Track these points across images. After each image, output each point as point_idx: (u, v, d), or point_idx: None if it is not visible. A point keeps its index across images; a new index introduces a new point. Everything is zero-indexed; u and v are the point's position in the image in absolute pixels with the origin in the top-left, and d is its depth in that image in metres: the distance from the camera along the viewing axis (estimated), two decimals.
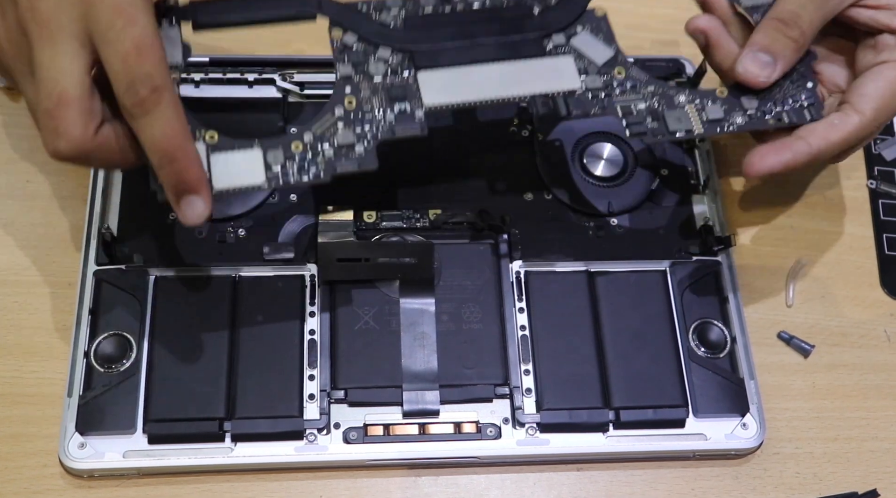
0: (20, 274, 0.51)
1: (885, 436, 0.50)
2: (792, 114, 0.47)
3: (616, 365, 0.49)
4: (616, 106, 0.46)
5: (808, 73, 0.48)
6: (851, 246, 0.56)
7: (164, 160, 0.41)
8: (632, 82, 0.47)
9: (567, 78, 0.46)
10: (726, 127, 0.46)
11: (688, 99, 0.47)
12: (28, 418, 0.48)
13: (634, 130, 0.46)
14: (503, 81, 0.45)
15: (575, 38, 0.47)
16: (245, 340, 0.48)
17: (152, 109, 0.40)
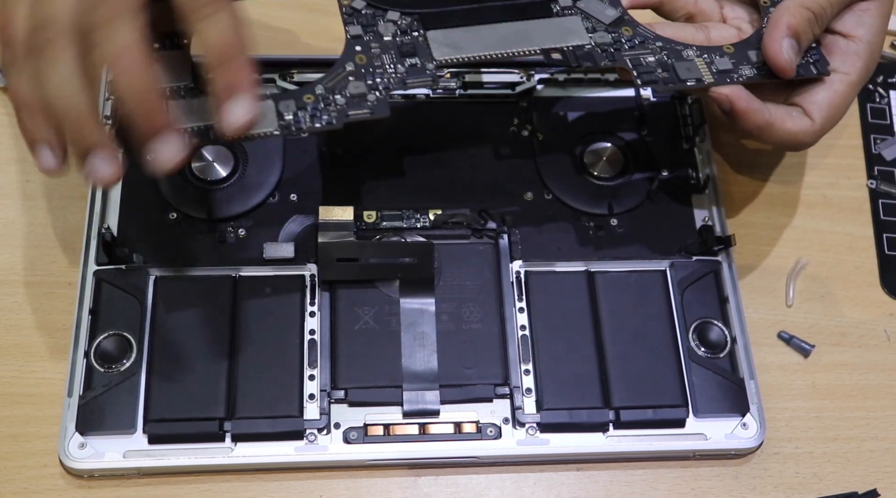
0: (20, 274, 0.51)
1: (885, 436, 0.50)
2: (800, 68, 0.48)
3: (616, 365, 0.49)
4: (626, 58, 0.47)
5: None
6: (851, 246, 0.56)
7: (223, 58, 0.39)
8: (640, 38, 0.48)
9: (575, 34, 0.47)
10: (735, 77, 0.47)
11: (696, 53, 0.47)
12: (28, 418, 0.48)
13: (646, 79, 0.47)
14: (512, 38, 0.46)
15: (582, 1, 0.48)
16: (245, 339, 0.48)
17: (222, 7, 0.39)
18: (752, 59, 0.48)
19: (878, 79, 0.61)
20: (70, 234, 0.52)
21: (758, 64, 0.48)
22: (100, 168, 0.39)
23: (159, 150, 0.39)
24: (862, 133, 0.59)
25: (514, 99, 0.57)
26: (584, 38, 0.47)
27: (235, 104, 0.40)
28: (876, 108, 0.60)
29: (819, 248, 0.55)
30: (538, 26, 0.47)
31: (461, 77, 0.56)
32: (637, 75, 0.47)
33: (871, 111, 0.60)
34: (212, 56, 0.39)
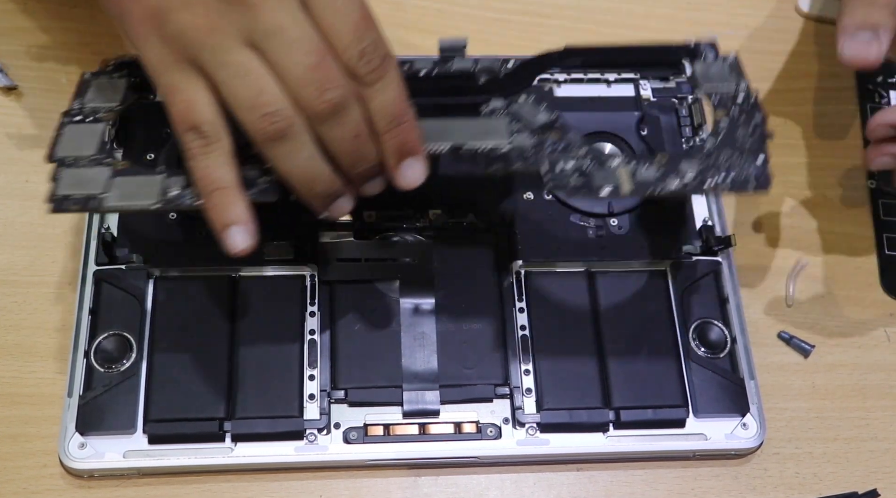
0: (20, 274, 0.51)
1: (885, 436, 0.50)
2: (734, 183, 0.44)
3: (616, 365, 0.49)
4: (543, 161, 0.45)
5: (762, 147, 0.45)
6: (851, 246, 0.56)
7: (394, 123, 0.41)
8: (565, 144, 0.45)
9: (495, 135, 0.45)
10: (657, 189, 0.44)
11: (623, 162, 0.45)
12: (28, 418, 0.48)
13: (556, 183, 0.44)
14: (428, 134, 0.44)
15: (514, 104, 0.47)
16: (245, 339, 0.48)
17: (385, 75, 0.40)
18: (685, 172, 0.44)
19: (878, 79, 0.61)
20: (70, 234, 0.52)
21: (689, 180, 0.44)
22: (345, 207, 0.43)
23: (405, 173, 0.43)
24: (862, 133, 0.59)
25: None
26: (502, 140, 0.45)
27: (409, 168, 0.42)
28: (876, 109, 0.60)
29: (819, 248, 0.55)
30: (461, 124, 0.46)
31: None
32: (548, 180, 0.44)
33: (871, 111, 0.60)
34: (383, 121, 0.41)
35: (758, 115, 0.47)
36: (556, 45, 0.61)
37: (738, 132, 0.46)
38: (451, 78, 0.48)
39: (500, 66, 0.48)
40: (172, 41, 0.40)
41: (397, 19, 0.61)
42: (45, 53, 0.57)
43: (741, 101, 0.47)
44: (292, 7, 0.39)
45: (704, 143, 0.45)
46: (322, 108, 0.40)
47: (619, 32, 0.62)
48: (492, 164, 0.45)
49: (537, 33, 0.62)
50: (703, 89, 0.48)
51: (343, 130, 0.41)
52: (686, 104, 0.57)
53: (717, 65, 0.49)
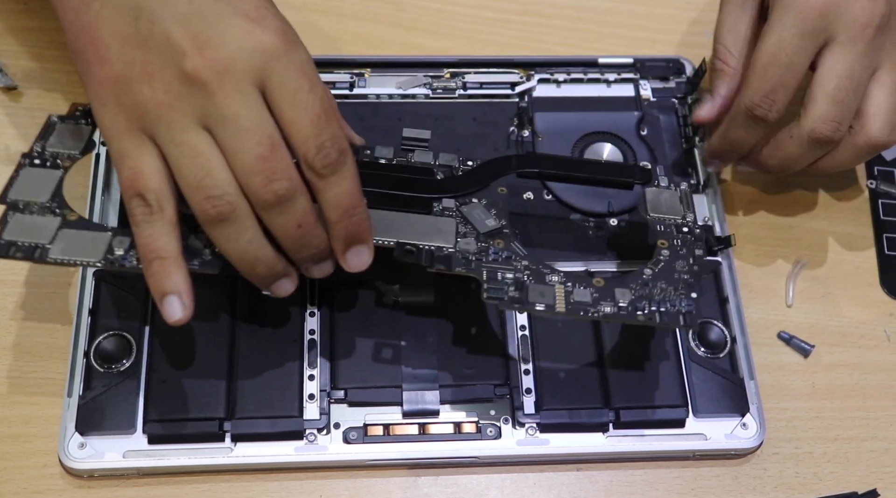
0: (20, 274, 0.51)
1: (885, 436, 0.50)
2: (665, 316, 0.45)
3: (616, 365, 0.49)
4: (482, 269, 0.45)
5: (695, 285, 0.46)
6: (851, 246, 0.56)
7: (345, 215, 0.42)
8: (508, 254, 0.46)
9: (442, 235, 0.46)
10: (590, 313, 0.44)
11: (560, 280, 0.45)
12: (28, 418, 0.48)
13: (491, 294, 0.44)
14: (378, 226, 0.45)
15: (466, 206, 0.48)
16: (245, 339, 0.48)
17: (340, 169, 0.42)
18: (617, 300, 0.45)
19: None
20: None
21: (622, 307, 0.45)
22: (288, 287, 0.45)
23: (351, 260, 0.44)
24: None
25: (513, 99, 0.57)
26: (448, 241, 0.46)
27: (355, 255, 0.44)
28: None
29: (819, 248, 0.55)
30: (412, 220, 0.47)
31: (461, 77, 0.57)
32: (485, 288, 0.44)
33: None
34: (335, 213, 0.42)
35: (699, 251, 0.48)
36: (556, 45, 0.61)
37: (677, 264, 0.47)
38: (409, 169, 0.49)
39: (459, 165, 0.50)
40: (129, 110, 0.41)
41: (397, 19, 0.61)
42: (44, 53, 0.57)
43: (686, 231, 0.49)
44: (251, 96, 0.40)
45: (643, 271, 0.46)
46: (267, 198, 0.41)
47: (619, 32, 0.62)
48: (434, 263, 0.45)
49: (537, 33, 0.62)
50: (651, 216, 0.49)
51: (287, 219, 0.42)
52: (686, 104, 0.57)
53: (668, 193, 0.50)
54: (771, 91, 0.49)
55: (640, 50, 0.60)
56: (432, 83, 0.57)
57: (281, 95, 0.41)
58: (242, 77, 0.40)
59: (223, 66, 0.40)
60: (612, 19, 0.62)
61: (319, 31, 0.60)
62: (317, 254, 0.44)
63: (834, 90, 0.49)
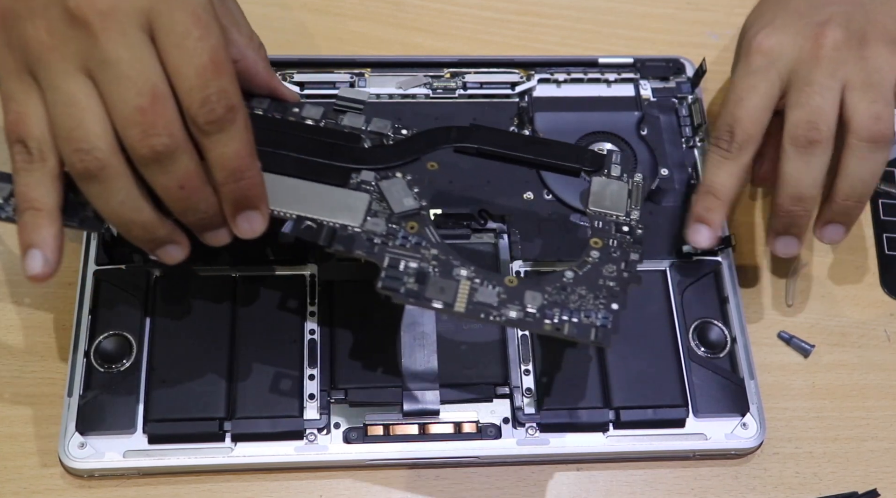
0: (20, 274, 0.51)
1: (885, 436, 0.50)
2: (574, 328, 0.41)
3: (616, 365, 0.49)
4: (385, 255, 0.42)
5: (620, 295, 0.42)
6: (851, 246, 0.56)
7: (232, 178, 0.40)
8: (419, 240, 0.43)
9: (351, 213, 0.43)
10: (491, 316, 0.41)
11: (468, 275, 0.42)
12: (28, 418, 0.48)
13: (386, 284, 0.41)
14: (286, 195, 0.43)
15: (386, 180, 0.44)
16: (245, 339, 0.48)
17: (227, 127, 0.39)
18: (525, 304, 0.41)
19: None
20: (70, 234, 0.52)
21: (529, 313, 0.41)
22: (174, 254, 0.43)
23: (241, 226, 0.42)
24: None
25: (514, 99, 0.57)
26: (356, 219, 0.43)
27: (245, 221, 0.41)
28: None
29: (819, 248, 0.55)
30: (321, 192, 0.43)
31: (461, 77, 0.57)
32: (384, 276, 0.41)
33: None
34: (221, 174, 0.40)
35: (634, 255, 0.43)
36: (556, 45, 0.61)
37: (606, 268, 0.43)
38: (334, 134, 0.46)
39: (391, 133, 0.46)
40: (16, 50, 0.39)
41: (397, 19, 0.61)
42: None
43: (625, 231, 0.44)
44: (136, 39, 0.38)
45: (564, 273, 0.42)
46: (144, 153, 0.38)
47: (619, 32, 0.62)
48: (334, 243, 0.42)
49: (537, 33, 0.62)
50: (590, 210, 0.45)
51: (168, 179, 0.39)
52: (686, 104, 0.57)
53: (617, 185, 0.46)
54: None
55: (640, 50, 0.60)
56: (432, 83, 0.57)
57: (168, 40, 0.38)
58: (128, 18, 0.37)
59: (108, 5, 0.37)
60: (612, 19, 0.62)
61: (319, 31, 0.60)
62: (205, 219, 0.41)
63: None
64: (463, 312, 0.41)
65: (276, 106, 0.48)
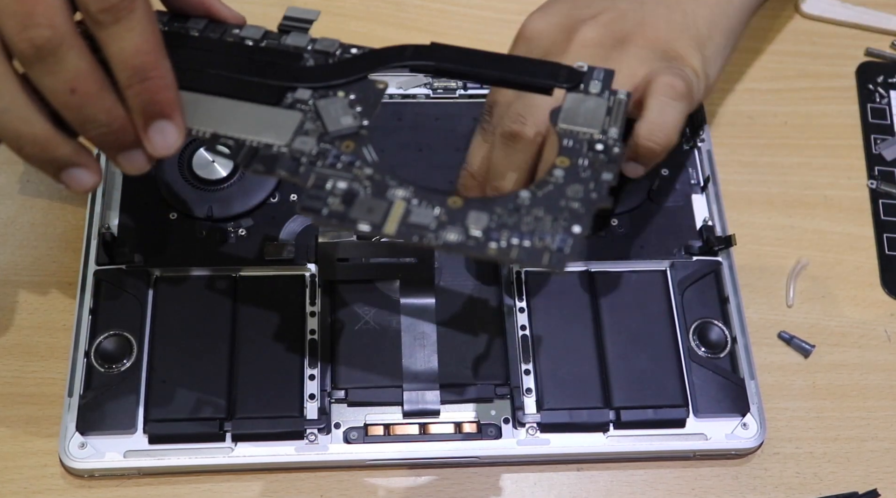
0: (20, 274, 0.51)
1: (885, 436, 0.50)
2: (524, 252, 0.36)
3: (616, 365, 0.49)
4: (311, 175, 0.37)
5: (585, 217, 0.37)
6: (851, 246, 0.56)
7: (135, 78, 0.35)
8: (352, 159, 0.38)
9: (277, 131, 0.39)
10: (426, 238, 0.36)
11: (406, 195, 0.37)
12: (28, 418, 0.48)
13: (306, 204, 0.36)
14: (205, 114, 0.39)
15: (324, 99, 0.40)
16: (245, 339, 0.48)
17: (124, 17, 0.34)
18: (468, 226, 0.36)
19: (879, 79, 0.61)
20: (70, 234, 0.52)
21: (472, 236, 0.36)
22: (80, 179, 0.38)
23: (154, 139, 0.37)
24: (862, 133, 0.59)
25: None
26: (282, 138, 0.38)
27: (158, 133, 0.37)
28: (876, 109, 0.60)
29: (819, 248, 0.55)
30: (247, 110, 0.39)
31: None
32: (305, 197, 0.37)
33: (871, 111, 0.60)
34: (123, 73, 0.35)
35: (606, 175, 0.38)
36: None
37: (571, 188, 0.37)
38: (276, 53, 0.42)
39: (338, 51, 0.42)
40: None
41: (397, 19, 0.61)
42: None
43: (599, 150, 0.39)
44: None
45: (519, 193, 0.37)
46: (23, 48, 0.34)
47: None
48: (253, 162, 0.38)
49: None
50: (559, 127, 0.40)
51: (54, 81, 0.34)
52: None
53: (594, 101, 0.40)
54: None
55: None
56: (432, 83, 0.57)
57: None
58: None
59: None
60: None
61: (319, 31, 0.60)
62: (110, 134, 0.36)
63: None
64: (393, 234, 0.36)
65: (214, 27, 0.43)
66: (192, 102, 0.39)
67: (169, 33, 0.42)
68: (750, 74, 0.61)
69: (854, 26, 0.63)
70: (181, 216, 0.51)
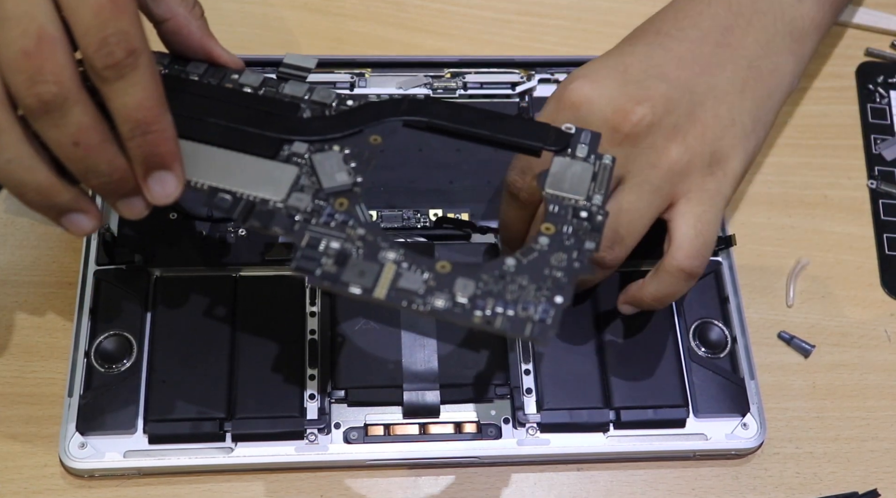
0: (20, 274, 0.51)
1: (885, 436, 0.50)
2: (507, 321, 0.36)
3: (616, 365, 0.49)
4: (305, 233, 0.38)
5: (567, 288, 0.37)
6: (851, 246, 0.56)
7: (138, 131, 0.36)
8: (346, 218, 0.39)
9: (274, 186, 0.39)
10: (415, 304, 0.37)
11: (396, 258, 0.37)
12: (28, 418, 0.48)
13: (300, 264, 0.37)
14: (202, 165, 0.40)
15: (319, 154, 0.40)
16: (245, 339, 0.48)
17: (128, 73, 0.35)
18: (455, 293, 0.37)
19: (879, 79, 0.61)
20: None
21: (459, 303, 0.37)
22: (79, 224, 0.39)
23: (154, 189, 0.38)
24: (862, 133, 0.59)
25: (514, 99, 0.57)
26: (278, 193, 0.39)
27: (158, 183, 0.38)
28: (876, 109, 0.60)
29: (819, 248, 0.55)
30: (244, 163, 0.40)
31: (461, 77, 0.57)
32: (299, 256, 0.37)
33: (871, 111, 0.60)
34: (125, 127, 0.36)
35: (589, 244, 0.38)
36: (556, 45, 0.61)
37: (555, 257, 0.38)
38: (273, 103, 0.43)
39: (335, 103, 0.43)
40: None
41: (397, 19, 0.61)
42: None
43: (583, 217, 0.39)
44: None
45: (505, 260, 0.38)
46: (30, 103, 0.35)
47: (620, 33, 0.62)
48: (250, 218, 0.39)
49: (537, 33, 0.62)
50: (546, 192, 0.40)
51: (60, 133, 0.36)
52: None
53: (580, 166, 0.41)
54: None
55: None
56: (433, 83, 0.57)
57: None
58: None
59: None
60: (612, 19, 0.62)
61: (319, 31, 0.60)
62: (111, 183, 0.37)
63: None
64: (383, 299, 0.37)
65: (214, 72, 0.44)
66: (191, 153, 0.40)
67: (169, 76, 0.43)
68: None
69: (854, 26, 0.63)
70: (181, 216, 0.51)
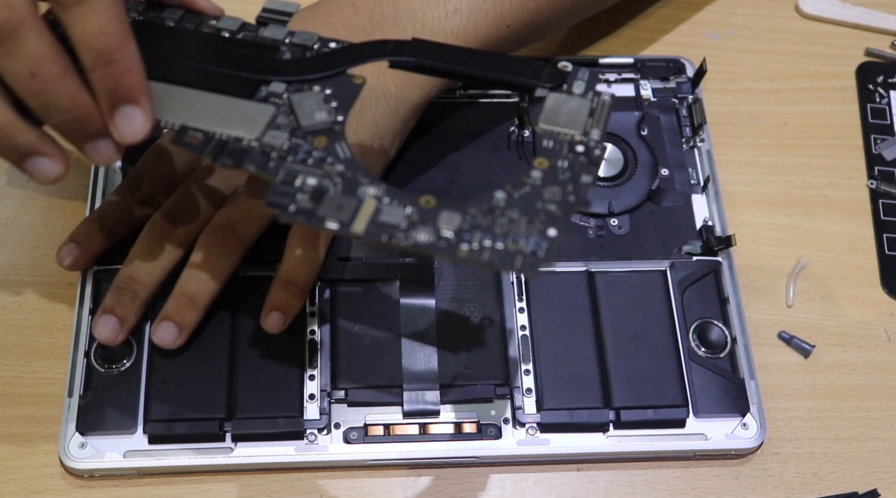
0: (20, 274, 0.51)
1: (885, 436, 0.50)
2: (496, 255, 0.35)
3: (616, 365, 0.49)
4: (280, 170, 0.37)
5: (562, 220, 0.36)
6: (851, 246, 0.56)
7: (100, 61, 0.34)
8: (324, 155, 0.37)
9: (248, 125, 0.38)
10: (395, 238, 0.35)
11: (376, 193, 0.36)
12: (28, 418, 0.48)
13: (274, 200, 0.36)
14: (174, 105, 0.38)
15: (298, 93, 0.39)
16: (245, 339, 0.48)
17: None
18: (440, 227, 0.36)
19: (879, 79, 0.61)
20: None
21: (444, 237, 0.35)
22: (43, 169, 0.37)
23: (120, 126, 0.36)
24: (862, 133, 0.59)
25: (514, 99, 0.57)
26: (252, 131, 0.38)
27: (124, 119, 0.36)
28: (876, 109, 0.60)
29: (819, 248, 0.55)
30: (218, 103, 0.38)
31: None
32: (273, 192, 0.36)
33: (871, 111, 0.60)
34: (87, 56, 0.34)
35: (586, 178, 0.37)
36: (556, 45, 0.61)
37: (548, 191, 0.37)
38: (252, 45, 0.41)
39: (316, 45, 0.41)
40: None
41: None
42: None
43: (580, 152, 0.38)
44: None
45: (494, 194, 0.37)
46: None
47: (619, 32, 0.62)
48: (222, 155, 0.37)
49: None
50: (540, 127, 0.39)
51: (14, 64, 0.33)
52: (686, 104, 0.57)
53: (577, 102, 0.39)
54: None
55: (640, 50, 0.60)
56: None
57: None
58: None
59: None
60: (612, 19, 0.62)
61: None
62: (75, 121, 0.35)
63: None
64: (361, 233, 0.35)
65: (191, 18, 0.42)
66: (162, 93, 0.38)
67: (143, 22, 0.42)
68: (750, 74, 0.61)
69: (854, 26, 0.63)
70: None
